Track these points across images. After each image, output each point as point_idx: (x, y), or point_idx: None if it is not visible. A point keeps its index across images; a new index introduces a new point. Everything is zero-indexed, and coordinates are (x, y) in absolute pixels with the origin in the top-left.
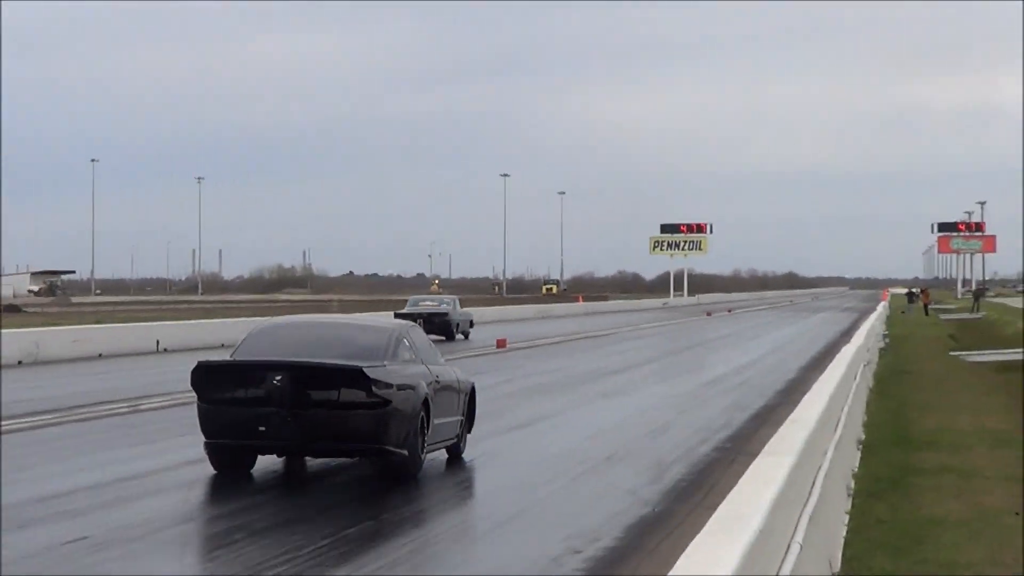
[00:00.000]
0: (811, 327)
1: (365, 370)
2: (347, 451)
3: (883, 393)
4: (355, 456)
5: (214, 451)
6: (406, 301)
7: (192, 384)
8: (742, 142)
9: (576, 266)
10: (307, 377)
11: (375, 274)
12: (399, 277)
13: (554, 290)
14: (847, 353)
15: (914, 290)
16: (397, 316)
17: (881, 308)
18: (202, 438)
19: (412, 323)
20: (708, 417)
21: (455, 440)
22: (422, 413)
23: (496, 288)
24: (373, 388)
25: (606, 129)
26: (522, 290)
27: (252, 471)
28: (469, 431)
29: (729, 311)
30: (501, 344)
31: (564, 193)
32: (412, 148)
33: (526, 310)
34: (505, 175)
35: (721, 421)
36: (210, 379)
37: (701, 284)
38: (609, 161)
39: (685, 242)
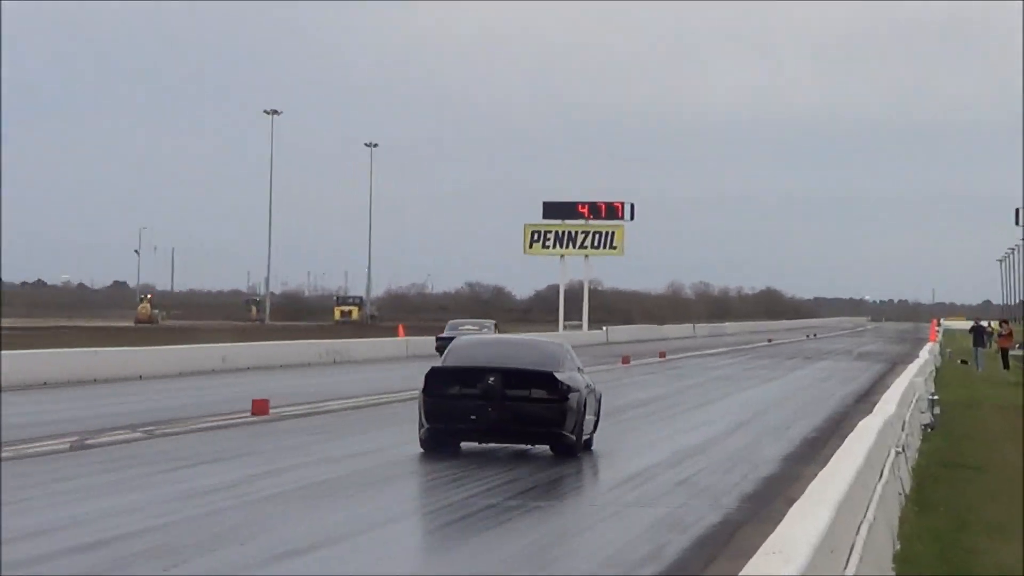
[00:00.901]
0: (804, 385)
1: (555, 374)
2: (532, 434)
3: (928, 504)
4: (536, 442)
5: (430, 434)
6: (86, 328)
7: (425, 383)
8: (685, 69)
9: (395, 275)
10: (509, 378)
11: (40, 282)
12: (82, 286)
13: (354, 315)
14: (867, 432)
15: (984, 323)
16: (439, 340)
17: (927, 354)
18: (417, 424)
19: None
20: (623, 539)
21: (590, 435)
22: (583, 409)
23: (255, 310)
24: (557, 388)
25: (444, 42)
26: (300, 313)
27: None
28: (595, 430)
29: (662, 355)
30: (259, 408)
31: (376, 146)
32: (105, 72)
33: (304, 349)
34: (273, 112)
35: (644, 548)
36: (438, 379)
37: (615, 307)
38: (454, 96)
39: (586, 234)
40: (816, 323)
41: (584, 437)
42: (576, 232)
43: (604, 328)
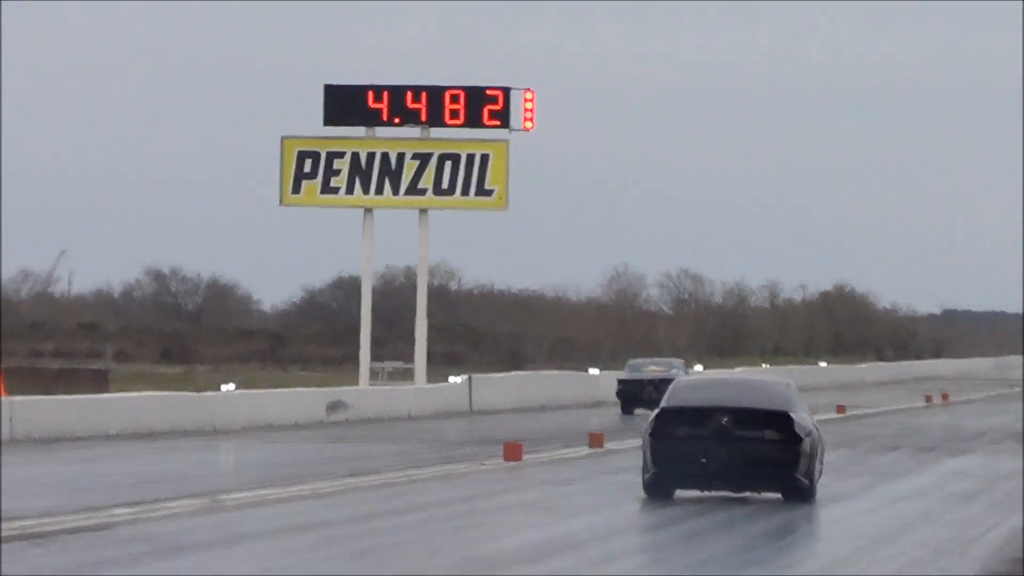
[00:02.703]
0: (918, 511)
1: (790, 414)
2: (764, 478)
3: None
4: (767, 488)
5: (656, 478)
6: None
7: (654, 424)
8: None
9: None
10: (741, 418)
11: None
12: None
13: None
14: None
15: None
16: (621, 383)
17: None
18: (642, 467)
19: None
20: None
21: (816, 482)
22: (815, 453)
23: None
24: (793, 428)
25: None
26: None
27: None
28: (819, 478)
29: (596, 443)
30: None
31: None
32: None
33: None
34: None
35: None
36: (669, 420)
37: (490, 331)
38: None
39: (423, 161)
40: (949, 368)
41: (815, 482)
42: (401, 156)
43: (462, 379)
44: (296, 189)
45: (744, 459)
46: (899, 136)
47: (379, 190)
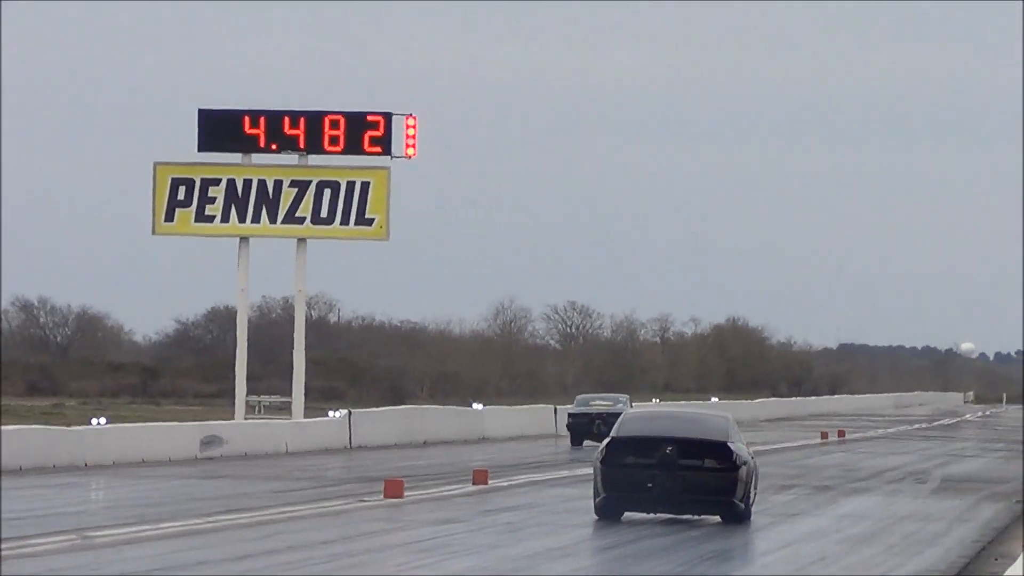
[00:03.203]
0: (810, 554)
1: (728, 444)
2: (704, 503)
3: None
4: (707, 511)
5: (606, 502)
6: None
7: (604, 452)
8: None
9: None
10: (684, 448)
11: None
12: None
13: None
14: None
15: None
16: (571, 417)
17: None
18: (593, 492)
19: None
20: None
21: (751, 505)
22: (751, 479)
23: None
24: (731, 457)
25: None
26: None
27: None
28: (752, 502)
29: (480, 481)
30: None
31: None
32: None
33: None
34: None
35: None
36: (618, 449)
37: (370, 366)
38: None
39: (301, 188)
40: (846, 404)
41: (750, 506)
42: (279, 184)
43: (341, 414)
44: (169, 217)
45: (686, 485)
46: (790, 165)
47: (255, 218)
